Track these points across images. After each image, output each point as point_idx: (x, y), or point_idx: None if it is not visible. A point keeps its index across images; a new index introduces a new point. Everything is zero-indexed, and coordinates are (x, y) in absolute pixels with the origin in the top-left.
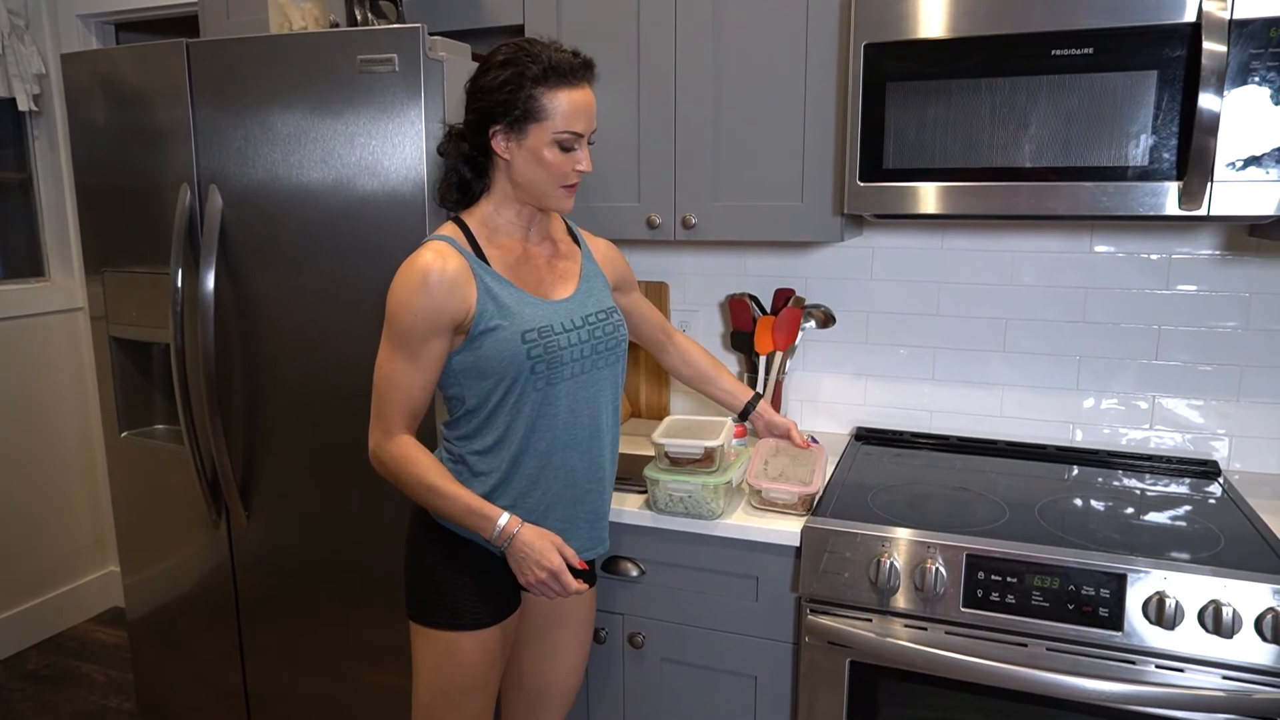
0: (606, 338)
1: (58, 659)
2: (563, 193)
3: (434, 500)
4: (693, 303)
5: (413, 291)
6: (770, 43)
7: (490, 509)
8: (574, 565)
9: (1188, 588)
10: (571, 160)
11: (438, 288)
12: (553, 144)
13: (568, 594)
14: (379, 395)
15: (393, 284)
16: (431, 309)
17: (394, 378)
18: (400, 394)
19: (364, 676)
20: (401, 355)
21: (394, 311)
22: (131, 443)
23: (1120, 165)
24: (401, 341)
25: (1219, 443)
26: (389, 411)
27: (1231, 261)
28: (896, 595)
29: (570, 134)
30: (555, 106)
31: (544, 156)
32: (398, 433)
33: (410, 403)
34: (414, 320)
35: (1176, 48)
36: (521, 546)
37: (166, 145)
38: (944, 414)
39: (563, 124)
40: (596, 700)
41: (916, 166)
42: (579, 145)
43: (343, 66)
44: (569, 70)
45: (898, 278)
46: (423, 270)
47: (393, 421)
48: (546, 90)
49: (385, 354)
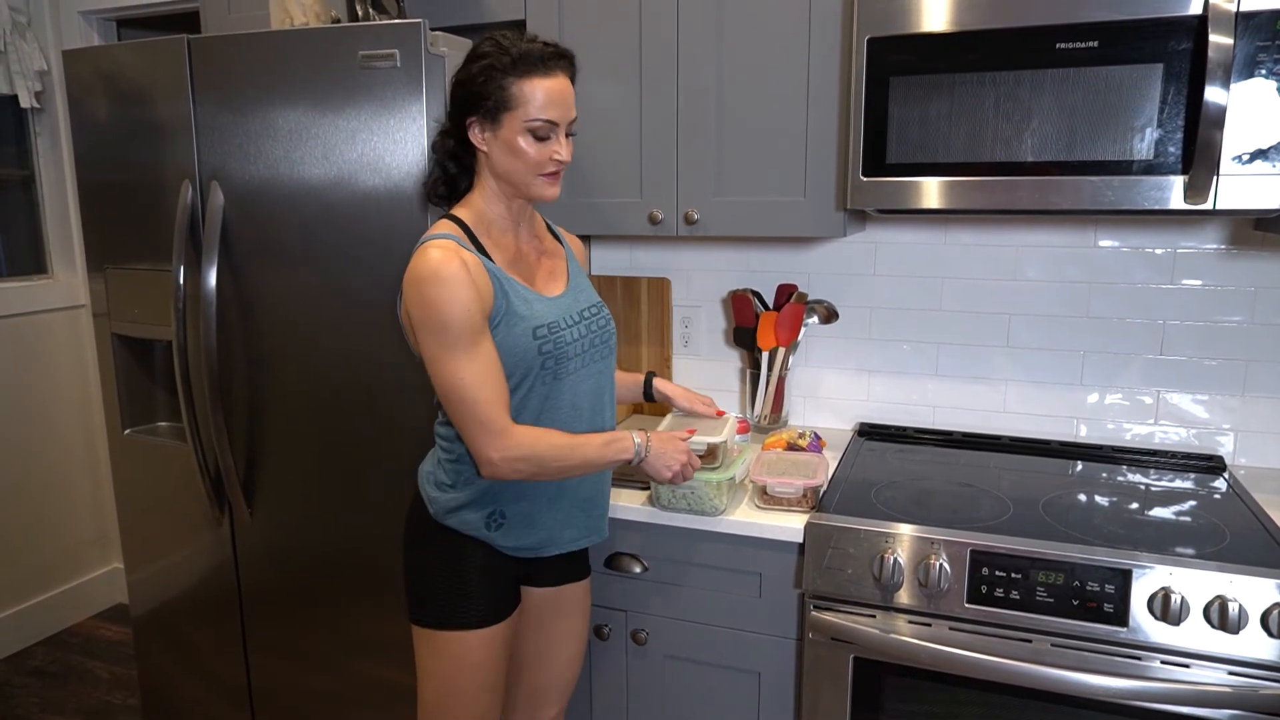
0: (601, 331)
1: (62, 655)
2: (542, 181)
3: (580, 454)
4: (695, 299)
5: (456, 290)
6: (772, 38)
7: (620, 435)
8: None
9: (1193, 583)
10: (548, 149)
11: (475, 277)
12: (526, 132)
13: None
14: (473, 404)
15: (423, 292)
16: (477, 300)
17: (479, 379)
18: (493, 391)
19: (367, 671)
20: (465, 357)
21: (443, 317)
22: (134, 440)
23: (1125, 159)
24: (464, 343)
25: (1224, 437)
26: (489, 413)
27: (1237, 256)
28: (900, 591)
29: (543, 122)
30: (526, 95)
31: (518, 145)
32: (509, 426)
33: (500, 394)
34: (468, 316)
35: (1182, 40)
36: (658, 449)
37: (168, 141)
38: (947, 409)
39: (534, 112)
40: (600, 697)
41: (920, 161)
42: (554, 134)
43: (344, 62)
44: (540, 59)
45: (901, 273)
46: (455, 268)
47: (498, 420)
48: (517, 79)
49: (454, 365)
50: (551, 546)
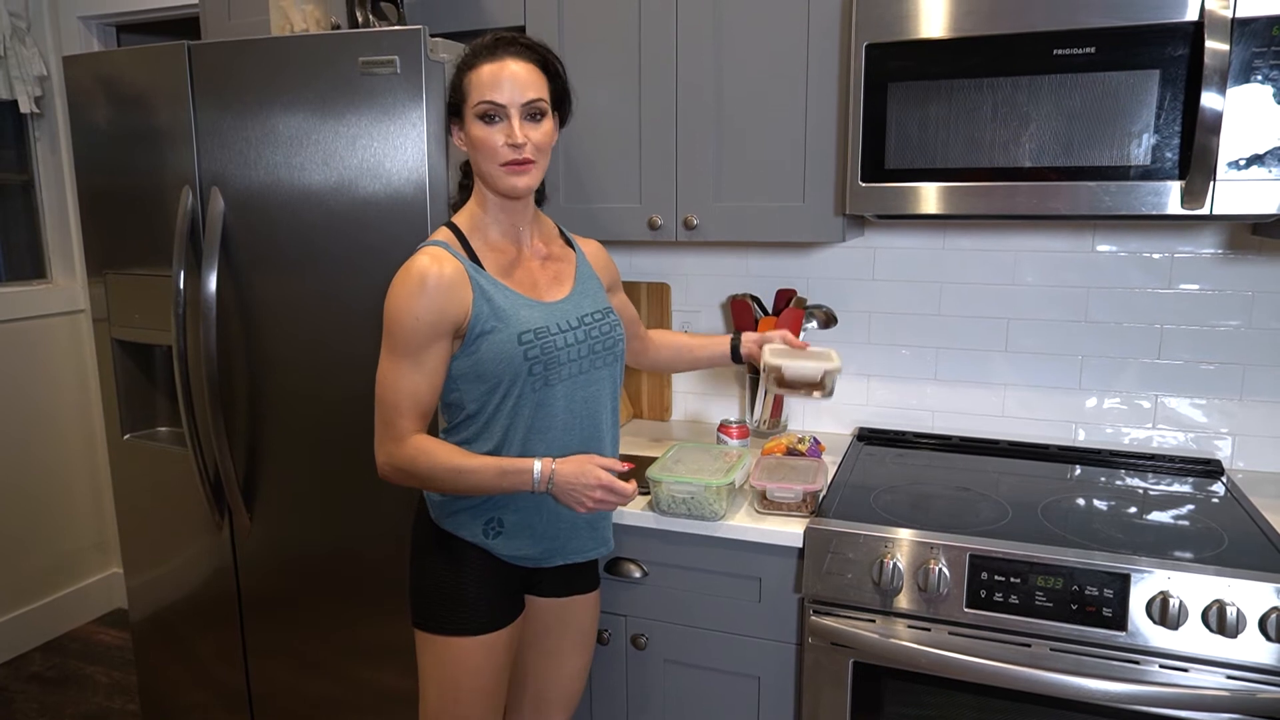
0: (604, 337)
1: (61, 660)
2: (502, 171)
3: (466, 480)
4: (695, 303)
5: (412, 297)
6: (771, 44)
7: (521, 462)
8: (617, 470)
9: (1191, 587)
10: (499, 133)
11: (436, 291)
12: (475, 120)
13: (626, 500)
14: (385, 405)
15: (390, 291)
16: (432, 313)
17: (400, 386)
18: (408, 401)
19: (367, 676)
20: (406, 362)
21: (394, 318)
22: (134, 445)
23: (1122, 165)
24: (405, 349)
25: (1222, 442)
26: (398, 419)
27: (1234, 260)
28: (899, 596)
29: (487, 103)
30: (473, 82)
31: (474, 135)
32: (409, 436)
33: (419, 406)
34: (415, 325)
35: (1179, 47)
36: (564, 481)
37: (168, 147)
38: (946, 414)
39: (477, 95)
40: (599, 701)
41: (918, 167)
42: (502, 115)
43: (344, 68)
44: (486, 47)
45: (900, 278)
46: (420, 275)
47: (403, 428)
48: (468, 72)
49: (388, 363)
50: (555, 557)
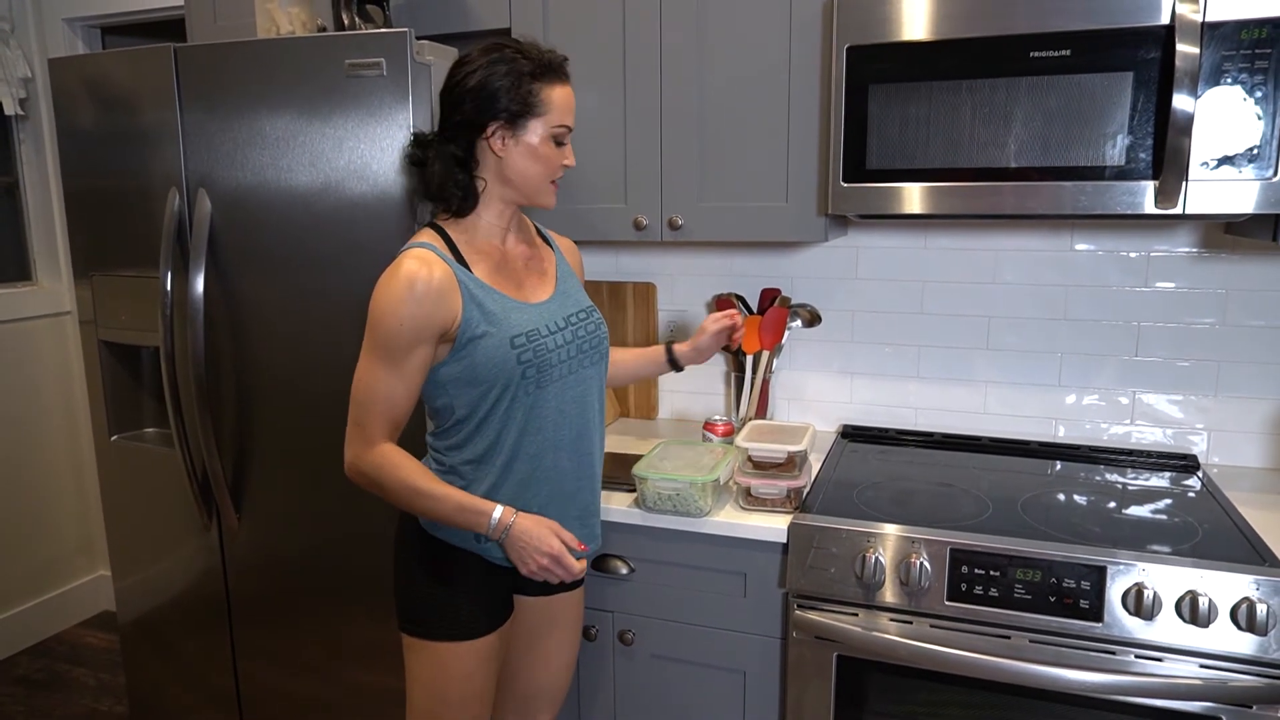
0: (590, 336)
1: (48, 663)
2: (550, 188)
3: (423, 503)
4: (680, 303)
5: (399, 301)
6: (754, 45)
7: (482, 503)
8: (573, 547)
9: (1166, 579)
10: (562, 155)
11: (424, 297)
12: (549, 138)
13: (570, 577)
14: (359, 406)
15: (375, 293)
16: (418, 318)
17: (376, 387)
18: (382, 404)
19: (355, 677)
20: (384, 365)
21: (378, 320)
22: (121, 446)
23: (1098, 165)
24: (385, 351)
25: (1198, 437)
26: (370, 421)
27: (1208, 259)
28: (882, 590)
29: (564, 128)
30: (554, 100)
31: (540, 151)
32: (379, 442)
33: (393, 412)
34: (399, 329)
35: (1151, 50)
36: (520, 535)
37: (154, 149)
38: (929, 411)
39: (558, 118)
40: (587, 698)
41: (899, 167)
42: (568, 140)
43: (330, 71)
44: (559, 67)
45: (882, 277)
46: (408, 279)
47: (374, 431)
48: (544, 85)
49: (366, 364)
50: None
